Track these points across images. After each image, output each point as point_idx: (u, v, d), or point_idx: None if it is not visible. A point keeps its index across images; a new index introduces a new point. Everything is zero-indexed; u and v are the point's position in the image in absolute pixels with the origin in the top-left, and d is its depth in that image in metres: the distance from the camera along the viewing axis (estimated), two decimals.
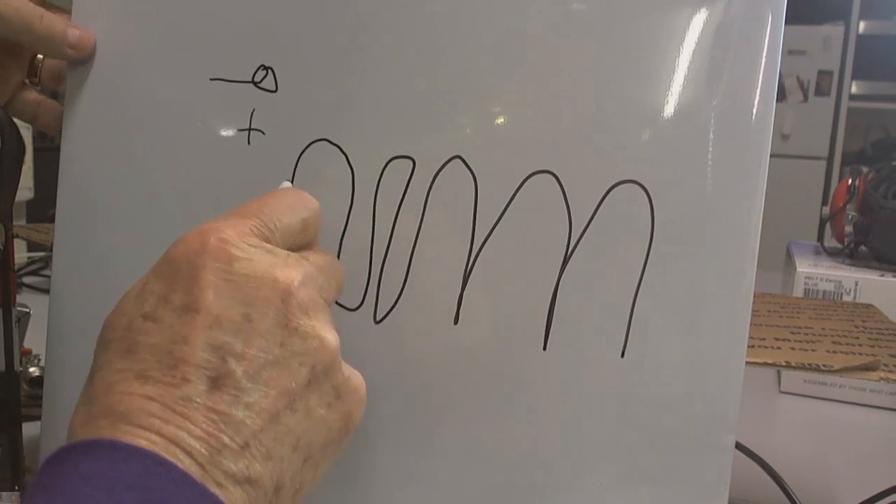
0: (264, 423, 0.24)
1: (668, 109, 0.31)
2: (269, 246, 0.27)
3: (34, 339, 0.56)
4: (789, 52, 2.51)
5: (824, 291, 0.75)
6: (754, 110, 0.31)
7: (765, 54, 0.31)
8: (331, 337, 0.26)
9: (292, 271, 0.26)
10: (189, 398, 0.23)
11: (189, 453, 0.22)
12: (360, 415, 0.28)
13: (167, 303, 0.25)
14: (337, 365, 0.27)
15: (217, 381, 0.23)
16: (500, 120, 0.34)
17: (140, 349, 0.24)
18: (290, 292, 0.25)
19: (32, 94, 0.44)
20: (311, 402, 0.25)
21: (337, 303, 0.36)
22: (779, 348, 0.42)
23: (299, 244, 0.29)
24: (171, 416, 0.23)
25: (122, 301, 0.26)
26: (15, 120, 0.41)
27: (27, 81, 0.44)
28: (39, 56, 0.43)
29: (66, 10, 0.41)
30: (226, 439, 0.23)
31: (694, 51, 0.31)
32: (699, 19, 0.31)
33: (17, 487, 0.41)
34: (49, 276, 0.94)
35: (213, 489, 0.22)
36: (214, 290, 0.24)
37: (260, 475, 0.23)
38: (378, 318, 0.35)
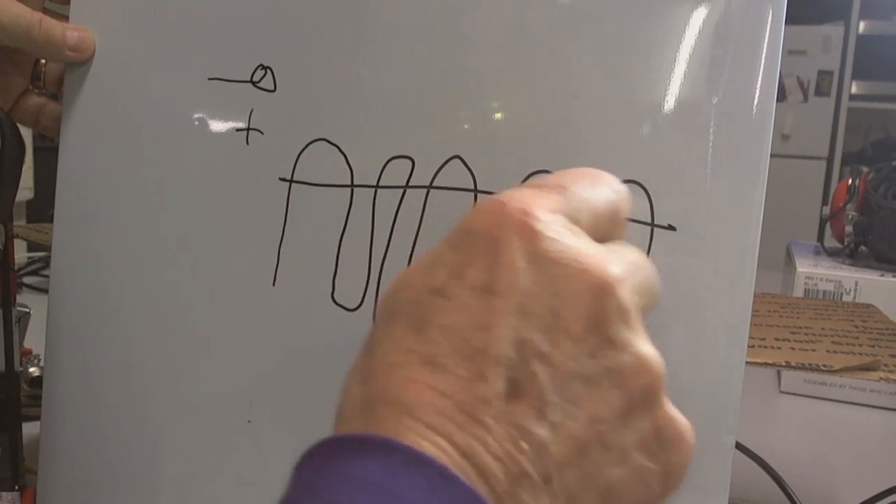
0: (570, 455, 0.19)
1: (668, 107, 0.31)
2: (576, 228, 0.21)
3: (34, 339, 0.56)
4: (789, 52, 2.51)
5: (824, 291, 0.75)
6: (754, 107, 0.31)
7: (765, 51, 0.31)
8: (654, 356, 0.20)
9: (608, 264, 0.20)
10: (487, 402, 0.18)
11: (483, 475, 0.18)
12: (683, 475, 0.22)
13: (461, 279, 0.20)
14: (660, 397, 0.21)
15: (517, 387, 0.19)
16: (499, 120, 0.34)
17: (430, 329, 0.19)
18: (605, 290, 0.20)
19: (34, 99, 0.44)
20: (626, 442, 0.20)
21: (336, 303, 0.36)
22: (779, 348, 0.42)
23: (604, 237, 0.23)
24: (467, 421, 0.18)
25: (407, 271, 0.22)
26: None
27: (31, 87, 0.43)
28: (42, 61, 0.43)
29: (65, 17, 0.41)
30: (527, 465, 0.18)
31: (693, 48, 0.31)
32: (699, 16, 0.31)
33: (17, 487, 0.41)
34: (49, 276, 0.94)
35: None
36: (518, 273, 0.20)
37: None
38: None
